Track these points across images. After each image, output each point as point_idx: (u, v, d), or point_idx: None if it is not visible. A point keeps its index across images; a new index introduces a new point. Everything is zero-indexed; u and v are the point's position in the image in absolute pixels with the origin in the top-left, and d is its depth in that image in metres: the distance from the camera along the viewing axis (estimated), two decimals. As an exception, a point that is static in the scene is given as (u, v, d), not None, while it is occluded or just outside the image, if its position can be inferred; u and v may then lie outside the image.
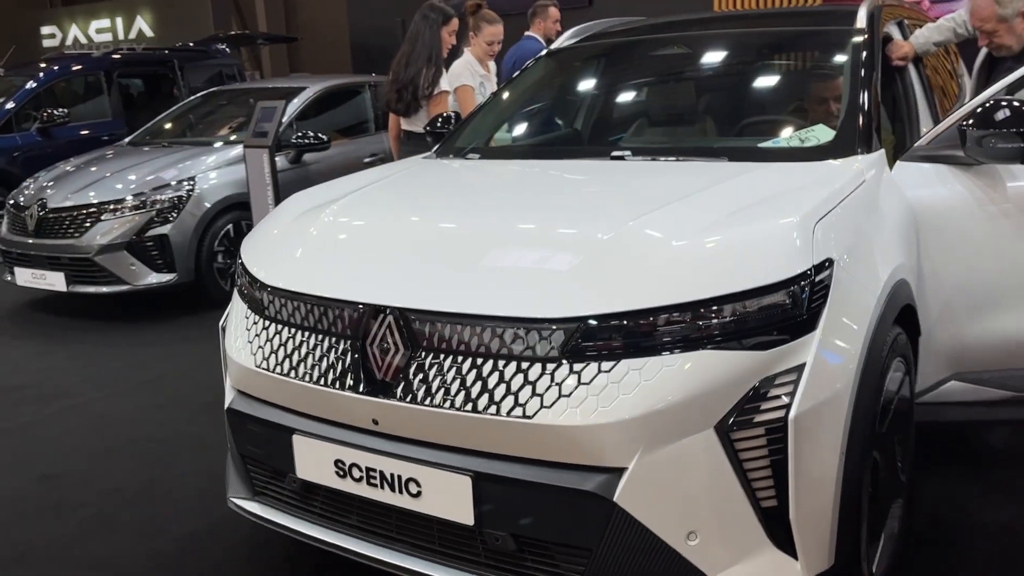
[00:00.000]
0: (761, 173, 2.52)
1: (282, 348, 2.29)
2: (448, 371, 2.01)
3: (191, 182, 5.76)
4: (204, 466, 3.49)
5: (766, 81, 3.37)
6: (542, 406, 1.90)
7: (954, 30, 3.59)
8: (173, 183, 5.72)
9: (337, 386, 2.16)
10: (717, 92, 3.40)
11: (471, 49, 5.06)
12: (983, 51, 3.64)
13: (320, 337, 2.22)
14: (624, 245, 2.08)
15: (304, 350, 2.24)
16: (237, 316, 2.52)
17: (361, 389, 2.12)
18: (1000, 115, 2.55)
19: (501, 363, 1.96)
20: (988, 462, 3.26)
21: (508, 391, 1.94)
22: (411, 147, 4.68)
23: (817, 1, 8.88)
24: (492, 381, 1.96)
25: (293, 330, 2.28)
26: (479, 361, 1.99)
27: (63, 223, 5.67)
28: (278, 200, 5.47)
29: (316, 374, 2.20)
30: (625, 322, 1.91)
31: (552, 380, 1.91)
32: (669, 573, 1.92)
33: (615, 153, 2.88)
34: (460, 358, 2.01)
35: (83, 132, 8.87)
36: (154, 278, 5.65)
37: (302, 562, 2.77)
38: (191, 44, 11.02)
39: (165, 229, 5.62)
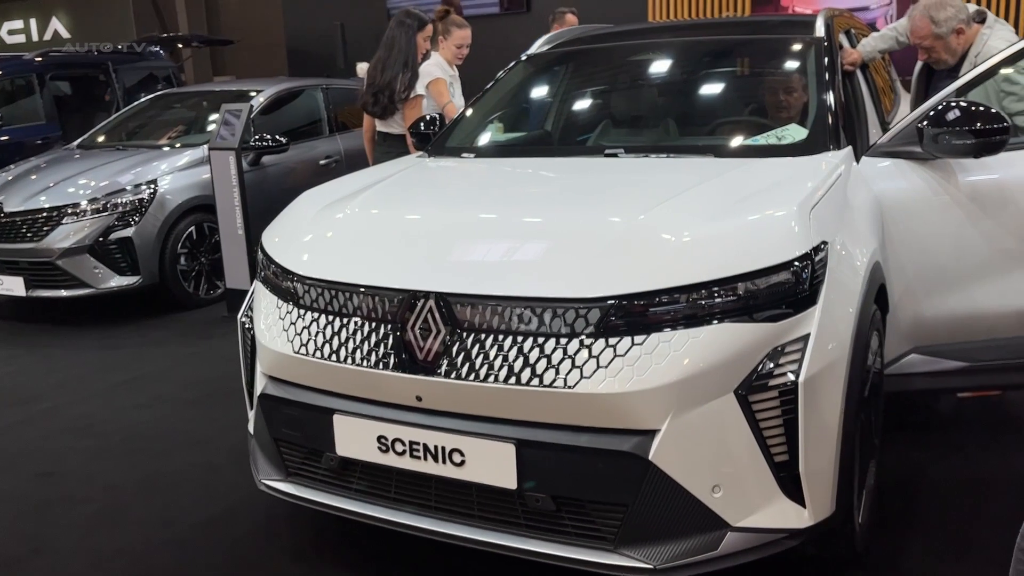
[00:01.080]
0: (750, 167, 2.79)
1: (321, 334, 2.44)
2: (490, 349, 2.20)
3: (153, 185, 5.77)
4: (202, 459, 3.58)
5: (736, 84, 3.65)
6: (582, 377, 2.11)
7: (896, 39, 3.94)
8: (130, 187, 5.71)
9: (381, 367, 2.32)
10: (692, 94, 3.66)
11: (440, 52, 5.23)
12: (920, 61, 4.00)
13: (361, 322, 2.37)
14: (644, 232, 2.30)
15: (344, 335, 2.39)
16: (266, 307, 2.64)
17: (405, 369, 2.28)
18: (951, 115, 2.87)
19: (540, 339, 2.16)
20: (938, 428, 3.60)
21: (549, 364, 2.14)
22: (387, 148, 4.83)
23: (744, 12, 9.33)
24: (533, 356, 2.16)
25: (332, 317, 2.43)
26: (519, 339, 2.18)
27: (20, 227, 5.61)
28: (245, 202, 5.54)
29: (359, 357, 2.35)
30: (653, 300, 2.13)
31: (590, 353, 2.12)
32: (696, 523, 2.14)
33: (608, 151, 3.11)
34: (501, 336, 2.20)
35: (15, 135, 8.67)
36: (118, 281, 5.64)
37: (323, 543, 2.90)
38: (121, 46, 10.84)
39: (128, 232, 5.62)
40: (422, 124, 3.97)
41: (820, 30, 3.49)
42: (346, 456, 2.44)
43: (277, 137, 6.27)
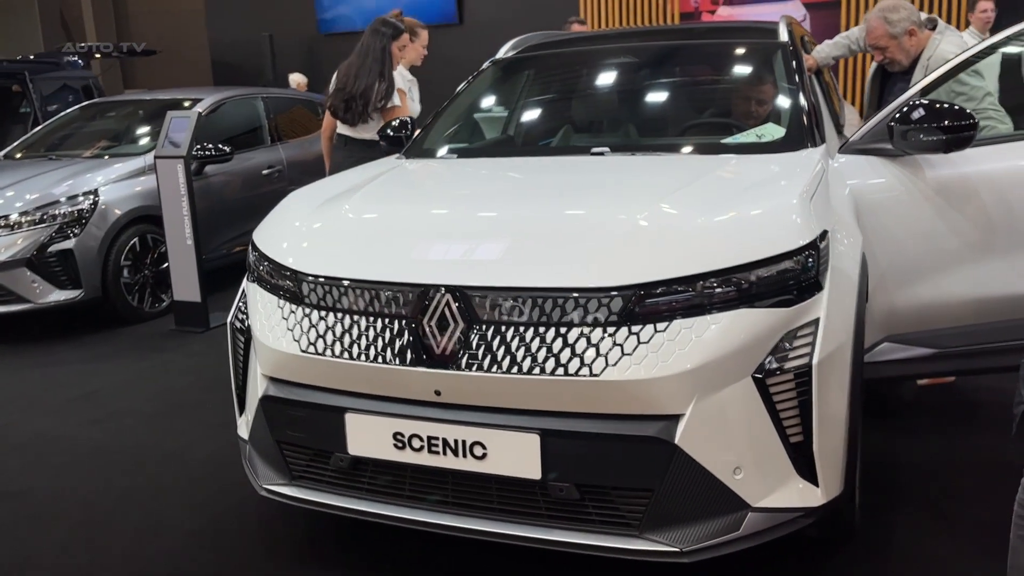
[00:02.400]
0: (740, 163, 2.88)
1: (330, 332, 2.41)
2: (512, 340, 2.21)
3: (94, 195, 5.57)
4: (179, 471, 3.48)
5: (710, 87, 3.77)
6: (607, 364, 2.14)
7: (849, 47, 4.14)
8: (64, 199, 5.50)
9: (398, 362, 2.30)
10: (668, 96, 3.76)
11: (406, 55, 5.21)
12: (875, 63, 4.20)
13: (375, 319, 2.35)
14: (659, 223, 2.36)
15: (356, 332, 2.37)
16: (265, 308, 2.59)
17: (423, 363, 2.28)
18: (916, 114, 3.03)
19: (563, 329, 2.18)
20: (902, 414, 3.76)
21: (573, 353, 2.16)
22: (349, 152, 4.79)
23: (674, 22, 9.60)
24: (556, 346, 2.18)
25: (343, 314, 2.40)
26: (541, 329, 2.20)
27: (-50, 241, 5.34)
28: (194, 212, 5.40)
29: (373, 353, 2.33)
30: (673, 287, 2.18)
31: (614, 341, 2.15)
32: (718, 505, 2.20)
33: (595, 150, 3.16)
34: (522, 328, 2.21)
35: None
36: (59, 295, 5.42)
37: (322, 546, 2.86)
38: (37, 56, 10.45)
39: (69, 244, 5.41)
40: (390, 129, 3.95)
41: (784, 35, 3.64)
42: (358, 455, 2.41)
43: (220, 146, 6.14)
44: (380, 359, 2.33)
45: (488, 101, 3.95)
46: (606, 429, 2.17)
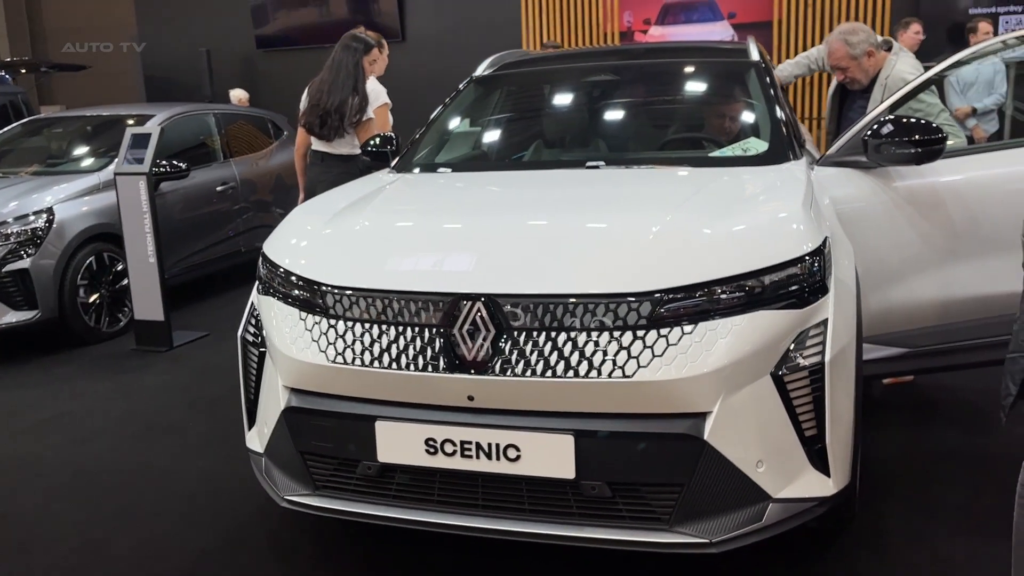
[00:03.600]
0: (735, 175, 3.03)
1: (359, 342, 2.45)
2: (544, 345, 2.30)
3: (49, 214, 5.43)
4: (175, 488, 3.43)
5: (689, 103, 3.93)
6: (639, 366, 2.24)
7: (808, 66, 4.38)
8: (12, 219, 5.34)
9: (430, 370, 2.36)
10: (652, 112, 3.91)
11: (379, 61, 5.26)
12: (835, 82, 4.45)
13: (404, 328, 2.41)
14: (676, 231, 2.48)
15: (386, 341, 2.42)
16: (285, 320, 2.61)
17: (456, 370, 2.34)
18: (886, 129, 3.24)
19: (594, 334, 2.28)
20: (873, 412, 3.97)
21: (605, 356, 2.26)
22: (327, 167, 4.81)
23: (614, 40, 9.85)
24: (589, 350, 2.27)
25: (370, 324, 2.44)
26: (573, 334, 2.29)
27: None
28: (157, 229, 5.32)
29: (404, 361, 2.39)
30: (696, 292, 2.30)
31: (644, 344, 2.26)
32: (743, 497, 2.32)
33: (590, 163, 3.28)
34: (554, 333, 2.30)
35: None
36: (15, 316, 5.27)
37: (336, 558, 2.87)
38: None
39: (25, 263, 5.27)
40: (370, 144, 3.97)
41: (755, 54, 3.83)
42: (388, 462, 2.46)
43: (176, 163, 6.06)
44: (412, 367, 2.38)
45: (470, 117, 4.03)
46: (638, 428, 2.27)
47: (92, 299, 5.64)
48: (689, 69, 3.97)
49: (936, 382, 4.23)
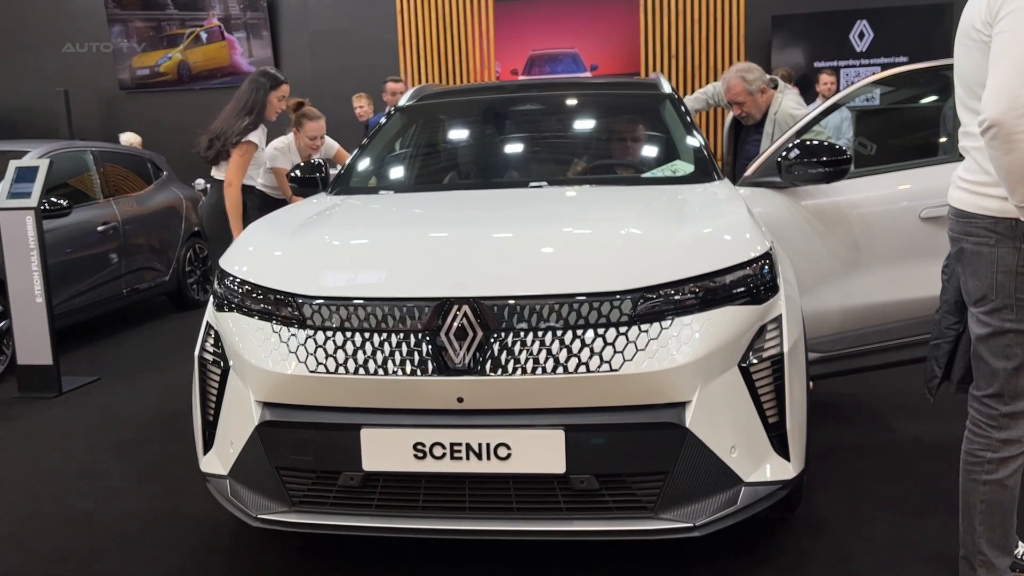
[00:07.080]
0: (675, 191, 3.24)
1: (340, 350, 2.45)
2: (532, 344, 2.39)
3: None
4: (107, 531, 3.24)
5: (612, 132, 4.16)
6: (624, 360, 2.37)
7: (707, 101, 4.74)
8: None
9: (419, 373, 2.40)
10: (573, 137, 4.12)
11: (296, 138, 5.28)
12: (730, 116, 4.81)
13: (388, 334, 2.43)
14: (644, 235, 2.64)
15: (370, 348, 2.44)
16: (255, 335, 2.57)
17: (447, 372, 2.39)
18: (792, 153, 3.56)
19: (580, 331, 2.39)
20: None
21: (592, 352, 2.37)
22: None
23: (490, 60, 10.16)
24: (576, 347, 2.38)
25: (352, 332, 2.45)
26: (559, 332, 2.39)
27: None
28: (45, 266, 5.04)
29: (391, 367, 2.41)
30: (671, 290, 2.46)
31: (628, 339, 2.39)
32: (720, 482, 2.46)
33: (533, 183, 3.42)
34: (541, 332, 2.39)
35: None
36: None
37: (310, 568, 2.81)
38: None
39: None
40: (299, 171, 3.96)
41: (666, 87, 4.12)
42: (373, 470, 2.45)
43: (56, 200, 5.77)
44: (399, 372, 2.41)
45: (399, 144, 4.10)
46: (625, 419, 2.39)
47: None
48: (612, 101, 4.21)
49: (832, 387, 4.57)
